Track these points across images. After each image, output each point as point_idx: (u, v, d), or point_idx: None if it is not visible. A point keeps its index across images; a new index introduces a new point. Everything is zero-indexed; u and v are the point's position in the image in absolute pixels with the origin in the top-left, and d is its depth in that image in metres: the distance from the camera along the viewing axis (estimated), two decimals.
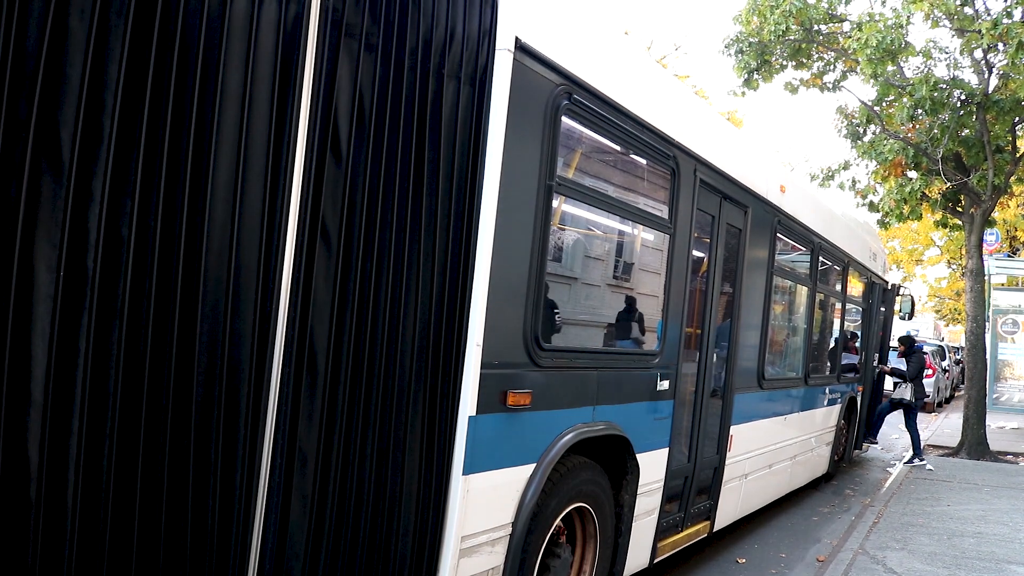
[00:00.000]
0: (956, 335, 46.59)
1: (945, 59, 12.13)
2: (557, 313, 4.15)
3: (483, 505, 3.38)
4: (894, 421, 17.30)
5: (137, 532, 2.41)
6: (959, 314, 34.18)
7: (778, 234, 6.73)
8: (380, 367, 2.90)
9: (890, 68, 11.34)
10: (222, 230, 2.52)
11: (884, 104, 12.60)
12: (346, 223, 2.79)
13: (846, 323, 9.65)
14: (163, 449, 2.44)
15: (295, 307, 2.69)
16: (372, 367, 2.88)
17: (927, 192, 13.27)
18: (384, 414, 2.93)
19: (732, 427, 5.93)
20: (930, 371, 21.21)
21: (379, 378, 2.90)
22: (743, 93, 13.27)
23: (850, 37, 11.22)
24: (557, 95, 3.63)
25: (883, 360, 12.02)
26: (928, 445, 13.60)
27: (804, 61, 13.15)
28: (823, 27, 12.46)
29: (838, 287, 9.25)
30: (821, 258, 8.12)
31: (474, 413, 3.24)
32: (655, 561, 5.06)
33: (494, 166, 3.25)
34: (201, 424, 2.51)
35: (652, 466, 4.72)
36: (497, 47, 3.21)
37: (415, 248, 2.98)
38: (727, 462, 5.92)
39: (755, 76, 12.96)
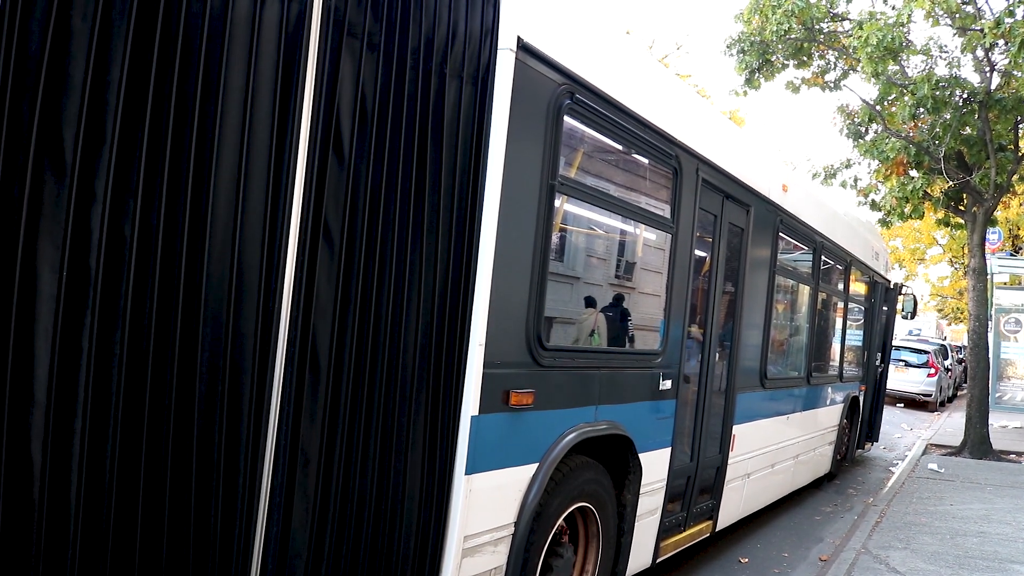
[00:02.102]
0: (958, 334, 46.53)
1: (946, 58, 12.11)
2: (631, 321, 4.40)
3: (486, 505, 3.38)
4: (896, 420, 17.33)
5: (140, 532, 2.41)
6: (961, 313, 34.14)
7: (780, 233, 6.72)
8: (382, 366, 2.90)
9: (892, 67, 11.32)
10: (224, 229, 2.52)
11: (886, 103, 12.58)
12: (348, 222, 2.79)
13: (848, 322, 9.64)
14: (166, 449, 2.44)
15: (297, 306, 2.69)
16: (374, 367, 2.88)
17: (929, 191, 13.25)
18: (386, 414, 2.93)
19: (734, 427, 5.93)
20: (932, 370, 21.24)
21: (381, 377, 2.90)
22: (745, 92, 13.25)
23: (851, 35, 11.21)
24: (559, 94, 3.62)
25: (885, 359, 12.00)
26: (931, 444, 13.58)
27: (805, 60, 13.13)
28: (824, 26, 12.44)
29: (840, 286, 9.24)
30: (823, 257, 8.11)
31: (476, 413, 3.24)
32: (658, 561, 5.06)
33: (496, 165, 3.25)
34: (204, 424, 2.51)
35: (654, 466, 4.71)
36: (499, 46, 3.20)
37: (417, 247, 2.98)
38: (729, 462, 5.92)
39: (757, 75, 12.95)
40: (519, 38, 3.32)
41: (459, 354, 3.14)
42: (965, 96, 11.53)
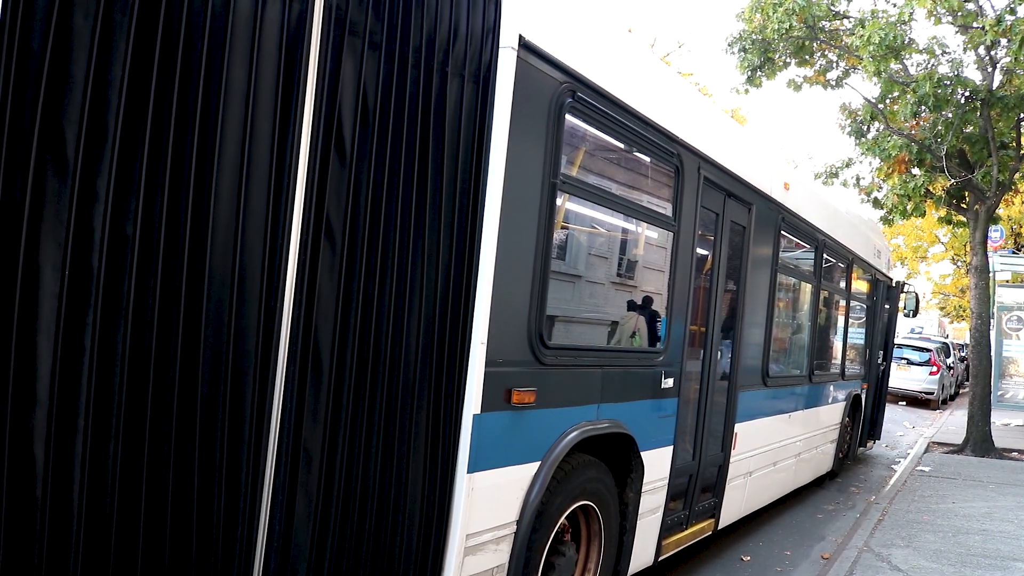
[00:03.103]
0: (960, 332, 46.50)
1: (948, 56, 12.09)
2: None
3: (488, 503, 3.38)
4: (898, 418, 17.32)
5: (143, 531, 2.41)
6: (963, 311, 34.09)
7: (782, 231, 6.72)
8: (384, 365, 2.90)
9: (894, 65, 11.31)
10: (226, 228, 2.52)
11: (887, 101, 12.57)
12: (350, 221, 2.79)
13: (850, 320, 9.63)
14: (168, 448, 2.45)
15: (299, 305, 2.69)
16: (377, 365, 2.88)
17: (931, 189, 13.24)
18: (389, 412, 2.93)
19: (736, 425, 5.92)
20: (934, 368, 21.24)
21: (384, 376, 2.90)
22: (746, 91, 13.26)
23: (853, 34, 11.20)
24: (561, 93, 3.62)
25: (887, 357, 11.99)
26: (933, 442, 13.58)
27: (807, 58, 13.13)
28: (826, 24, 12.44)
29: (842, 284, 9.24)
30: (825, 255, 8.11)
31: (479, 411, 3.24)
32: (659, 559, 5.06)
33: (498, 164, 3.24)
34: (206, 423, 2.51)
35: (656, 464, 4.71)
36: (501, 45, 3.20)
37: (419, 246, 2.98)
38: (731, 460, 5.92)
39: (758, 74, 12.95)
40: (521, 36, 3.31)
41: (461, 352, 3.14)
42: (967, 94, 11.51)
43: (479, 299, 3.20)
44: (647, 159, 4.63)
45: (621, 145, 4.39)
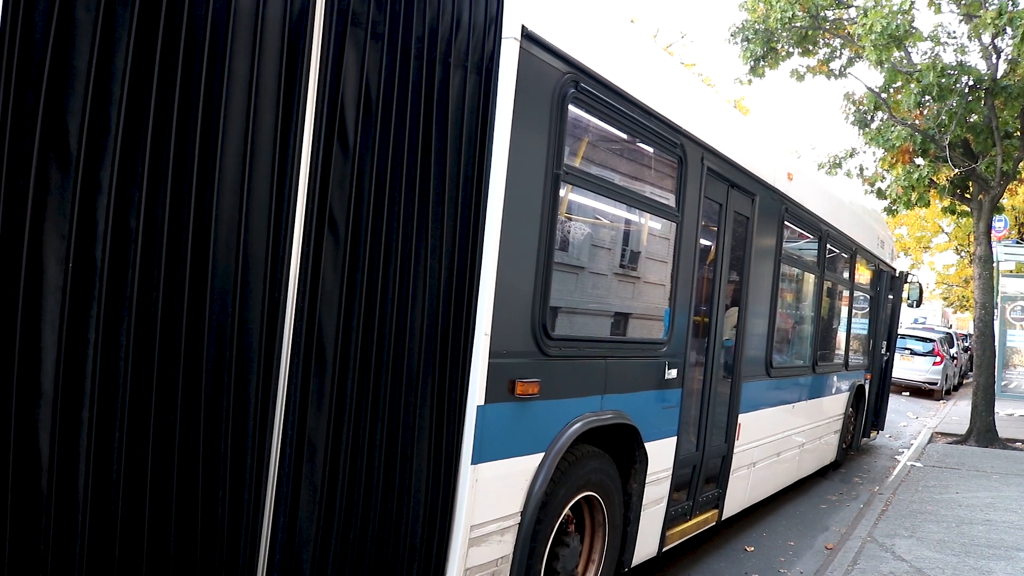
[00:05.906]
0: (964, 322, 46.45)
1: (953, 44, 12.05)
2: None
3: (492, 494, 3.38)
4: (902, 409, 17.32)
5: (148, 523, 2.42)
6: (967, 301, 34.08)
7: (785, 222, 6.70)
8: (388, 357, 2.90)
9: (897, 54, 11.26)
10: (230, 220, 2.52)
11: (891, 91, 12.53)
12: (353, 212, 2.79)
13: (854, 311, 9.62)
14: (173, 440, 2.45)
15: (303, 297, 2.69)
16: (380, 357, 2.88)
17: (935, 179, 13.20)
18: (393, 404, 2.93)
19: (740, 415, 5.92)
20: (938, 358, 21.22)
21: (387, 368, 2.90)
22: (749, 81, 13.22)
23: (855, 23, 11.16)
24: (564, 83, 3.61)
25: (891, 348, 11.99)
26: (936, 433, 13.58)
27: (810, 48, 13.08)
28: (829, 13, 12.39)
29: (846, 275, 9.22)
30: (829, 246, 8.09)
31: (483, 403, 3.24)
32: (664, 550, 5.07)
33: (501, 155, 3.24)
34: (211, 415, 2.51)
35: (660, 455, 4.72)
36: (503, 35, 3.19)
37: (423, 237, 2.97)
38: (735, 450, 5.92)
39: (761, 63, 12.90)
40: (523, 27, 3.30)
41: (465, 344, 3.14)
42: (971, 83, 11.47)
43: (482, 290, 3.20)
44: (650, 149, 4.62)
45: (624, 136, 4.38)
